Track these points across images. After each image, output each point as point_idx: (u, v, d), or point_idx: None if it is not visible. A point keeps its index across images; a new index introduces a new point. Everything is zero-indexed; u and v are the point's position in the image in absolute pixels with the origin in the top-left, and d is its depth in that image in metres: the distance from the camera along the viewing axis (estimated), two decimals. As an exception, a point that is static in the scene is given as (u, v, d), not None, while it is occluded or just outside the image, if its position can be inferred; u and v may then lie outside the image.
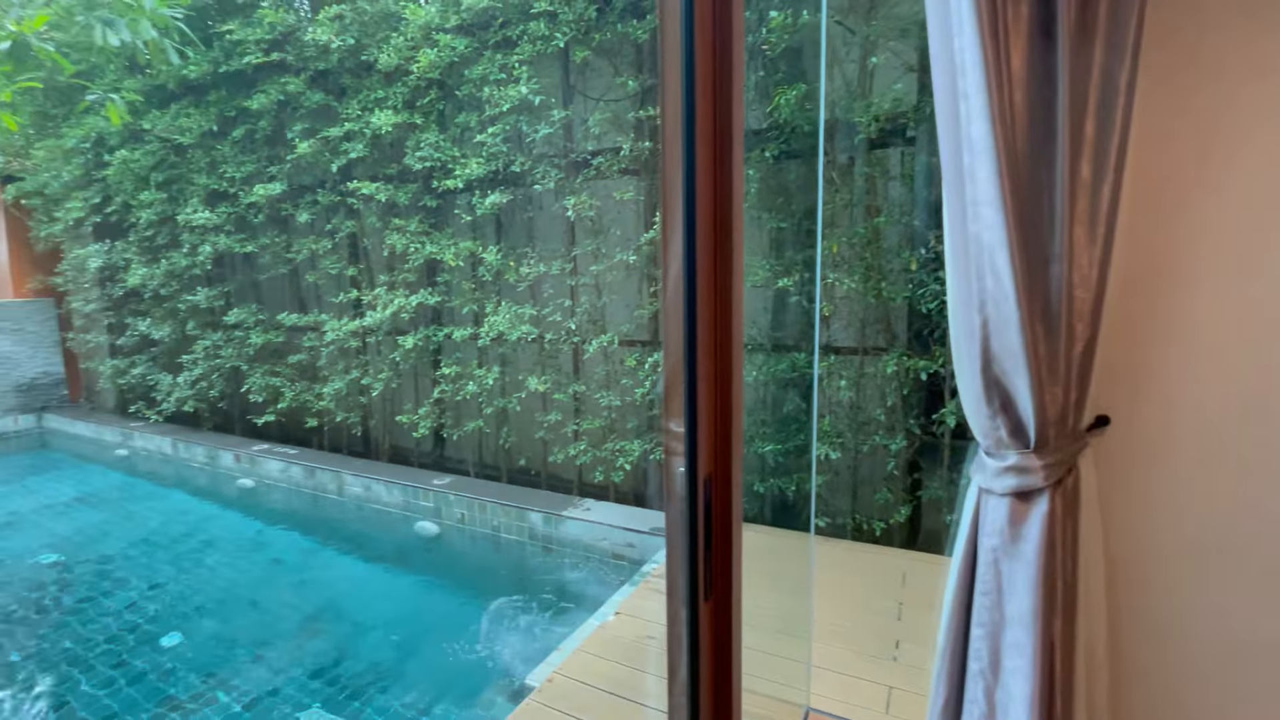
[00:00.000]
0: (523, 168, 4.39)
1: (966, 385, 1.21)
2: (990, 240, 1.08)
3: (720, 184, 0.73)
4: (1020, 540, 1.17)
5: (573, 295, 4.52)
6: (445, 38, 4.35)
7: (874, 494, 3.65)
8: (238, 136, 5.61)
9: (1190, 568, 1.21)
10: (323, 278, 5.71)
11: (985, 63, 1.02)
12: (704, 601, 0.75)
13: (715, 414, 0.74)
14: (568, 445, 4.58)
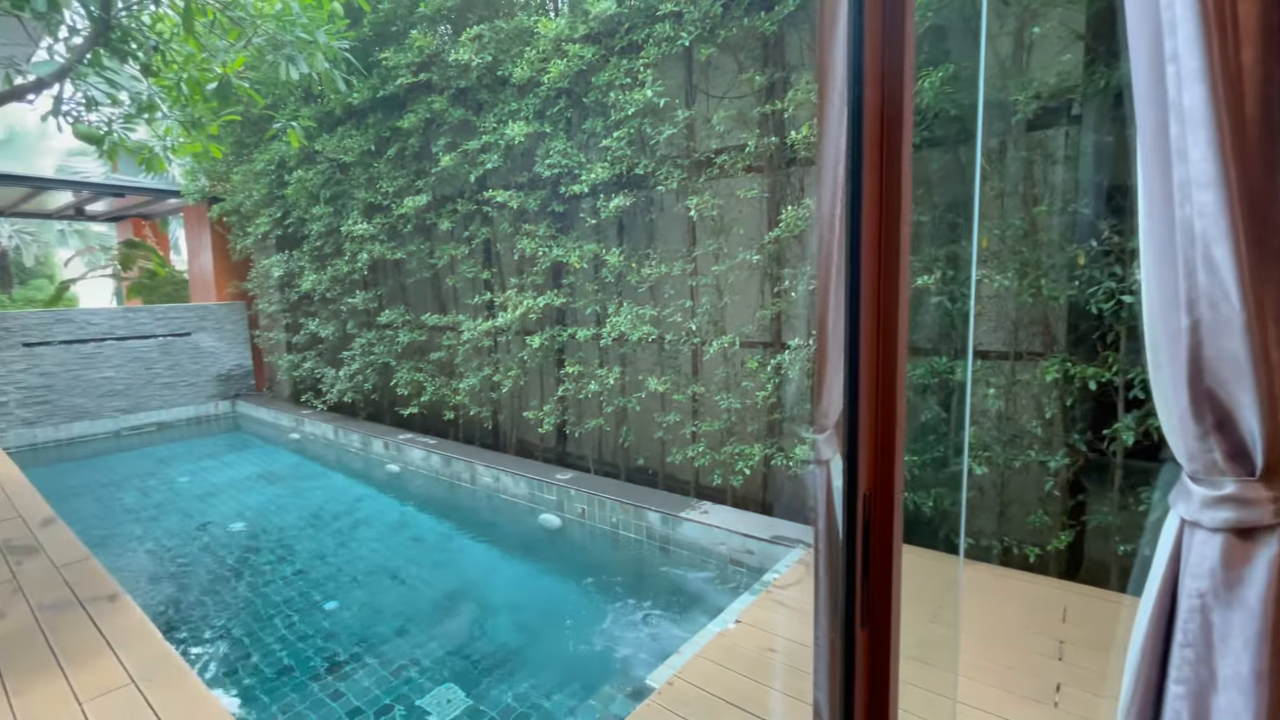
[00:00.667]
0: (646, 169, 4.44)
1: (1168, 399, 1.03)
2: (1205, 228, 0.91)
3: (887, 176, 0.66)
4: (1239, 585, 0.98)
5: (693, 296, 4.50)
6: (574, 47, 4.51)
7: (1027, 515, 3.28)
8: (391, 154, 6.19)
9: None
10: (460, 281, 6.16)
11: (1204, 14, 0.86)
12: (860, 628, 0.69)
13: (876, 426, 0.68)
14: (686, 446, 4.57)
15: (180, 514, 5.67)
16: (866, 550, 0.68)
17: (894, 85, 0.64)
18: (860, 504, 0.68)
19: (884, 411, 0.71)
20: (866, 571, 0.69)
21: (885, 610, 0.68)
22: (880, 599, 0.68)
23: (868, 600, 0.69)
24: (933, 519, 3.51)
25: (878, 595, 0.69)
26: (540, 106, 4.92)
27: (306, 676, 3.20)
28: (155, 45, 3.90)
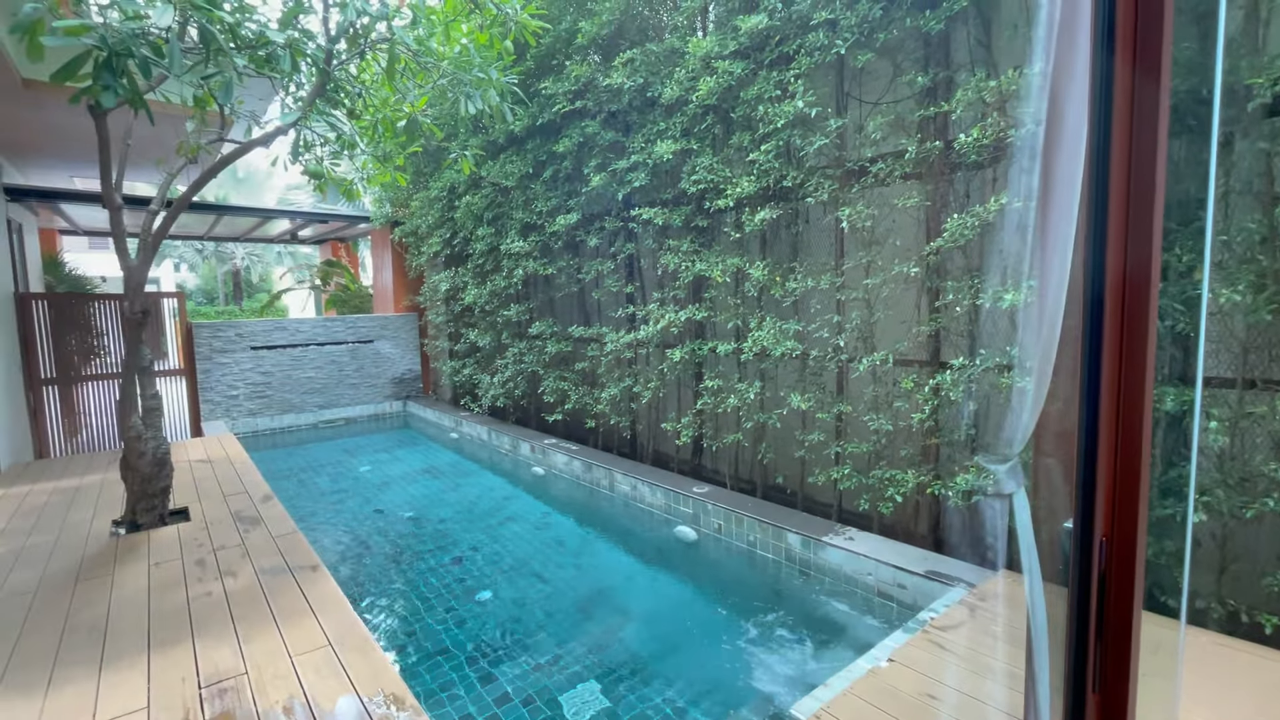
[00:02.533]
0: (794, 181, 4.33)
1: None
2: None
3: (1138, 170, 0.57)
4: None
5: (840, 310, 4.30)
6: (723, 64, 4.53)
7: (1262, 577, 2.71)
8: (547, 176, 6.62)
9: None
10: (604, 295, 6.40)
11: None
12: (1091, 693, 0.59)
13: (1117, 459, 0.59)
14: (829, 467, 4.35)
15: (360, 499, 6.42)
16: (1101, 606, 0.58)
17: (1152, 49, 0.55)
18: (1096, 551, 0.58)
19: (1127, 442, 0.61)
20: (1102, 626, 0.59)
21: (1123, 678, 0.58)
22: (1116, 664, 0.58)
23: (1102, 662, 0.59)
24: (1129, 570, 3.02)
25: (1112, 659, 0.58)
26: (687, 124, 5.00)
27: (463, 658, 3.45)
28: (359, 92, 4.50)
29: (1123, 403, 0.60)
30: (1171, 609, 2.83)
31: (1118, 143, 0.60)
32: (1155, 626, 2.45)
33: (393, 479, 7.12)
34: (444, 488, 6.74)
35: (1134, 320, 0.56)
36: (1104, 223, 0.61)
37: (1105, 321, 0.60)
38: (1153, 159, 0.57)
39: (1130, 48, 0.58)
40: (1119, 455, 0.61)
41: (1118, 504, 0.60)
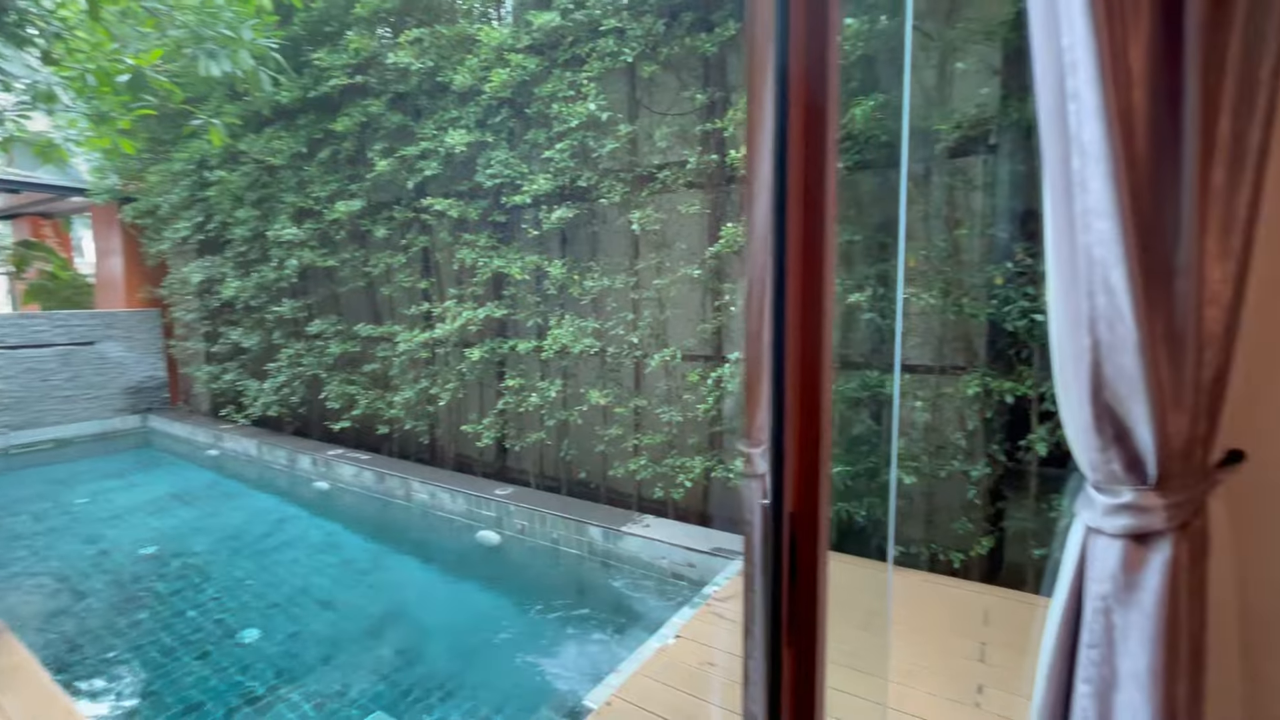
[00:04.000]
0: (589, 182, 4.44)
1: (1072, 413, 1.10)
2: (1103, 255, 0.98)
3: (812, 194, 0.68)
4: (1137, 588, 1.05)
5: (635, 309, 4.52)
6: (517, 57, 4.48)
7: (952, 523, 3.43)
8: (324, 157, 5.96)
9: (1348, 631, 1.05)
10: (396, 291, 5.96)
11: (1100, 58, 0.93)
12: (786, 647, 0.69)
13: (802, 443, 0.69)
14: (628, 460, 4.56)
15: (76, 539, 5.21)
16: (794, 568, 0.68)
17: (818, 103, 0.65)
18: (786, 522, 0.68)
19: (809, 428, 0.72)
20: (794, 589, 0.69)
21: (811, 628, 0.69)
22: (806, 616, 0.69)
23: (794, 619, 0.69)
24: (866, 528, 3.63)
25: (803, 612, 0.69)
26: (482, 115, 4.86)
27: (220, 713, 2.98)
28: (57, 32, 3.62)
29: (805, 396, 0.71)
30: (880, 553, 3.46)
31: (794, 171, 0.70)
32: (876, 573, 2.96)
33: (126, 511, 5.89)
34: (199, 515, 5.75)
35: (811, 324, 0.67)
36: (784, 239, 0.71)
37: (787, 325, 0.70)
38: (822, 185, 0.68)
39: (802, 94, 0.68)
40: (804, 440, 0.72)
41: (804, 482, 0.71)
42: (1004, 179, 3.30)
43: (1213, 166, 0.94)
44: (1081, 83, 0.96)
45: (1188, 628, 1.03)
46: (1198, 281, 0.96)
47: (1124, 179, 0.94)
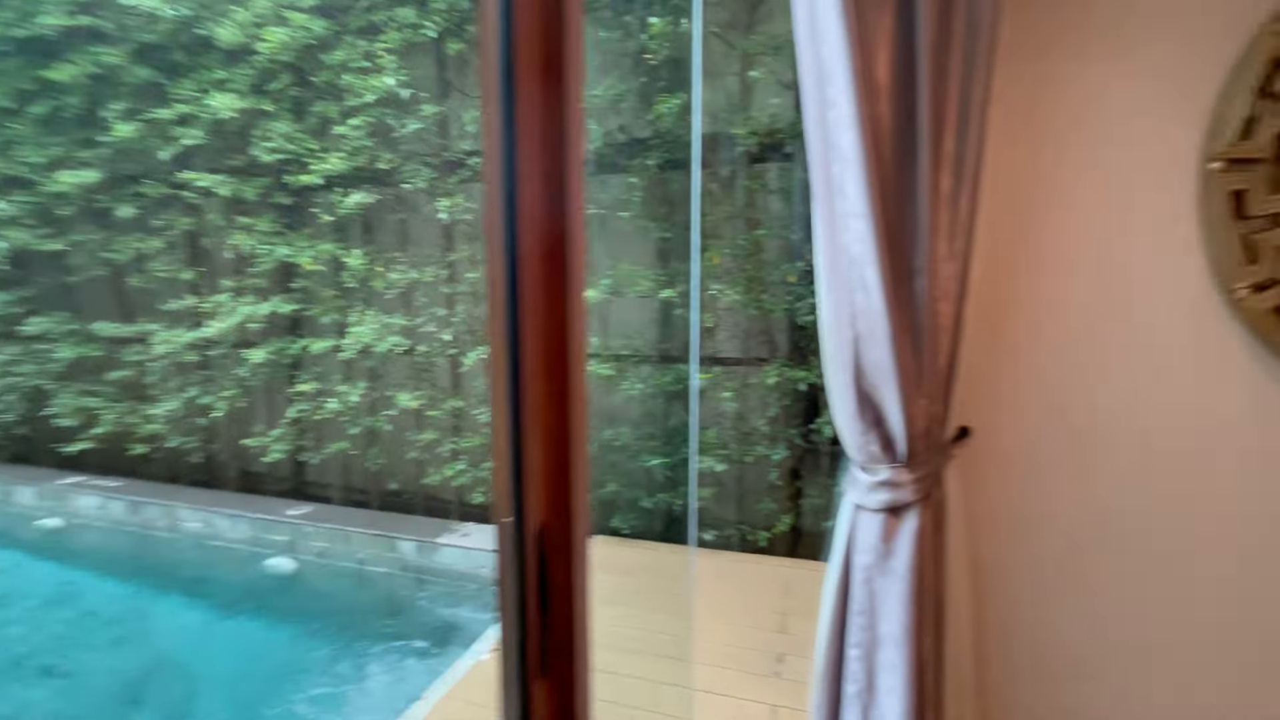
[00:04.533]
0: (391, 165, 4.07)
1: (839, 400, 1.19)
2: (860, 253, 1.06)
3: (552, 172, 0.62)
4: (892, 556, 1.16)
5: (449, 304, 4.25)
6: (299, 17, 3.95)
7: (758, 504, 3.71)
8: (41, 114, 4.78)
9: (1053, 573, 1.26)
10: (151, 282, 4.99)
11: (852, 70, 1.00)
12: (537, 678, 0.63)
13: (549, 452, 0.63)
14: (445, 465, 4.28)
15: None
16: (545, 590, 0.62)
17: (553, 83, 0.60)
18: (533, 539, 0.61)
19: (557, 430, 0.66)
20: (546, 614, 0.63)
21: (568, 655, 0.63)
22: (561, 642, 0.63)
23: (546, 647, 0.63)
24: (683, 517, 3.79)
25: (558, 638, 0.63)
26: (257, 79, 4.22)
27: None
28: None
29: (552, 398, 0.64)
30: (705, 541, 3.65)
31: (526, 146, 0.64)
32: (683, 558, 3.09)
33: None
34: None
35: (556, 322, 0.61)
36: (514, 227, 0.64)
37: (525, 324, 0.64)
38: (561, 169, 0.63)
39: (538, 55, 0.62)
40: (551, 451, 0.65)
41: (552, 497, 0.65)
42: (797, 185, 3.62)
43: (941, 175, 1.06)
44: (838, 91, 1.02)
45: (933, 587, 1.17)
46: (932, 279, 1.08)
47: (875, 183, 1.02)
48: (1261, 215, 1.05)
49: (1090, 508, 1.22)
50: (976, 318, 1.20)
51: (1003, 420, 1.23)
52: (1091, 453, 1.20)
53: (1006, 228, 1.19)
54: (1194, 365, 1.13)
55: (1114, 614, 1.24)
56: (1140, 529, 1.20)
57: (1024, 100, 1.16)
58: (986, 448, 1.25)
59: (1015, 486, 1.25)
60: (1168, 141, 1.10)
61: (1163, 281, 1.13)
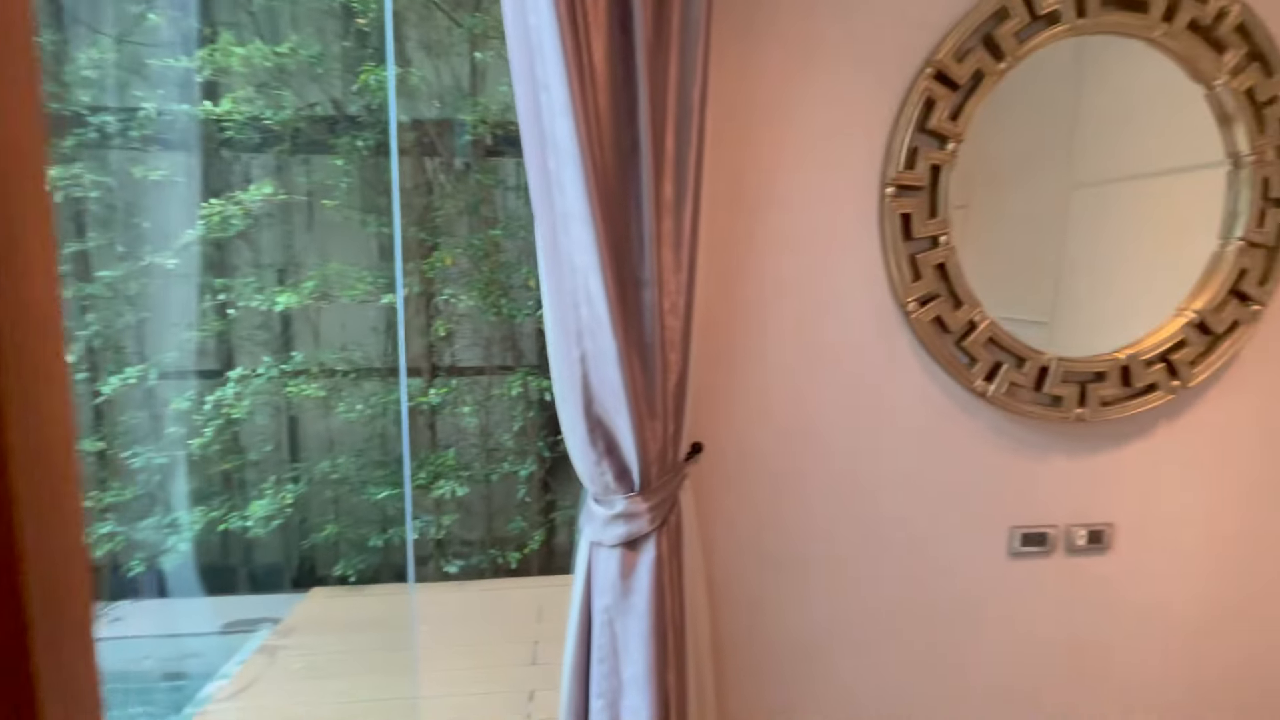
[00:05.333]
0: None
1: (571, 426, 1.09)
2: (584, 262, 0.97)
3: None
4: (631, 594, 1.10)
5: (79, 311, 3.24)
6: None
7: (508, 524, 3.55)
8: None
9: (784, 573, 1.33)
10: None
11: (564, 50, 0.89)
12: None
13: None
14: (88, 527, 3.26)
15: None
16: None
17: None
18: None
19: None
20: None
21: None
22: None
23: None
24: (427, 552, 3.44)
25: None
26: None
27: None
28: None
29: None
30: (449, 574, 3.37)
31: None
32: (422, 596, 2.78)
33: None
34: None
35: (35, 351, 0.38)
36: None
37: None
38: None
39: None
40: None
41: None
42: (535, 184, 3.53)
43: (664, 180, 1.02)
44: (550, 72, 0.91)
45: (674, 618, 1.14)
46: (660, 291, 1.04)
47: (595, 182, 0.93)
48: (923, 237, 1.22)
49: (806, 508, 1.31)
50: (706, 332, 1.21)
51: (730, 432, 1.26)
52: (803, 457, 1.29)
53: (724, 240, 1.21)
54: (880, 372, 1.28)
55: (832, 605, 1.35)
56: (846, 521, 1.33)
57: (731, 118, 1.19)
58: (716, 461, 1.26)
59: (744, 496, 1.29)
60: (857, 167, 1.23)
61: (855, 295, 1.26)
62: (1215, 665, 1.50)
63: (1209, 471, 1.42)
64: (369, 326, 3.33)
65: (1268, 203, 1.32)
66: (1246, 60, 1.29)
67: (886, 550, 1.34)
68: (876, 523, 1.33)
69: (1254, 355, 1.39)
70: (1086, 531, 1.40)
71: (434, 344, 3.45)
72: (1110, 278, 1.38)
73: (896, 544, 1.34)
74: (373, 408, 3.25)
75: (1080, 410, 1.31)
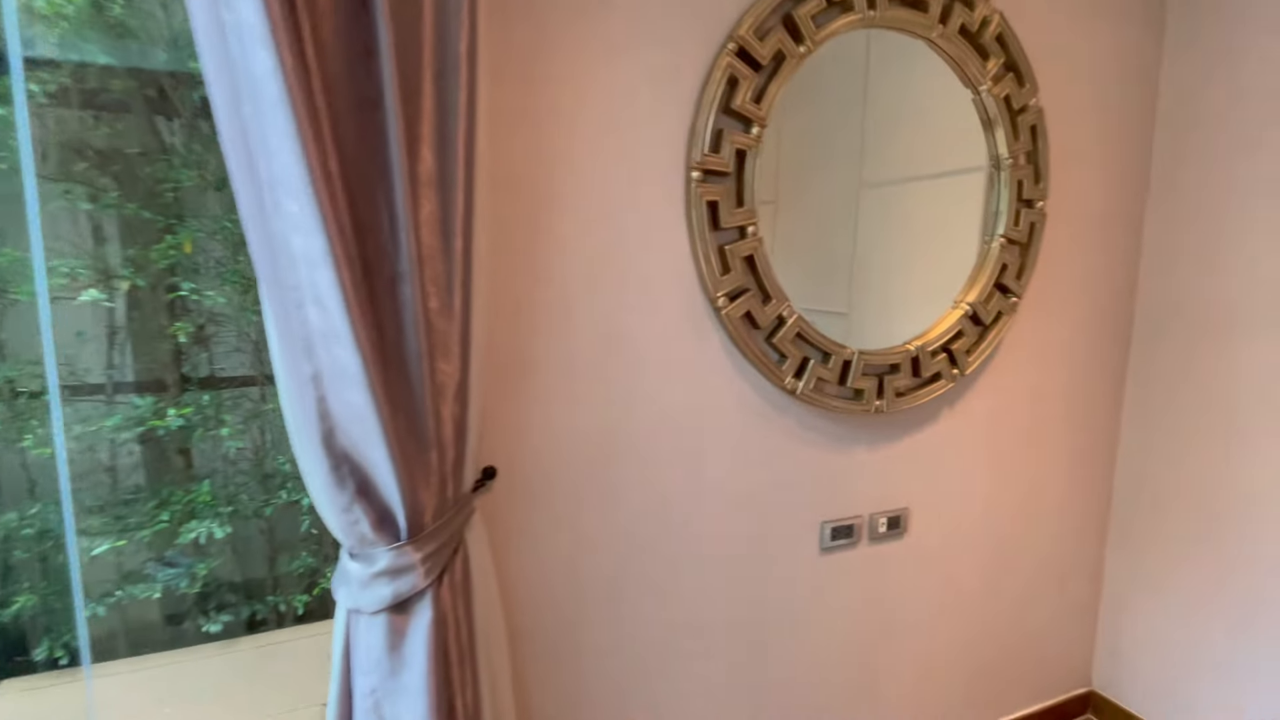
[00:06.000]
0: None
1: (310, 465, 0.84)
2: (305, 248, 0.73)
3: None
4: (403, 670, 0.89)
5: None
6: None
7: (291, 563, 3.04)
8: None
9: (605, 606, 1.18)
10: None
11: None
12: None
13: None
14: None
15: None
16: None
17: None
18: None
19: None
20: None
21: None
22: None
23: None
24: (181, 611, 2.83)
25: None
26: None
27: None
28: None
29: None
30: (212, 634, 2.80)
31: None
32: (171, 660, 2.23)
33: None
34: None
35: None
36: None
37: None
38: None
39: None
40: None
41: None
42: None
43: (421, 146, 0.81)
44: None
45: (462, 691, 0.93)
46: (422, 287, 0.83)
47: (312, 139, 0.70)
48: (731, 227, 1.14)
49: (619, 525, 1.19)
50: (494, 334, 1.02)
51: (529, 450, 1.09)
52: (615, 468, 1.16)
53: (513, 228, 1.03)
54: (692, 373, 1.19)
55: (653, 624, 1.24)
56: (663, 534, 1.23)
57: (521, 97, 1.01)
58: (515, 485, 1.09)
59: (550, 519, 1.13)
60: (662, 148, 1.11)
61: (665, 291, 1.15)
62: (992, 623, 1.65)
63: (982, 452, 1.54)
64: (73, 331, 2.62)
65: (1021, 203, 1.45)
66: (1004, 70, 1.39)
67: (706, 560, 1.26)
68: (695, 532, 1.24)
69: (1012, 343, 1.53)
70: (886, 519, 1.44)
71: (182, 350, 2.83)
72: (898, 272, 1.43)
73: (716, 552, 1.27)
74: (82, 438, 2.57)
75: (879, 402, 1.34)
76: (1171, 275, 1.63)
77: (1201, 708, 1.60)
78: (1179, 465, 1.63)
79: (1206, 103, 1.54)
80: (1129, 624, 1.76)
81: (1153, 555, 1.70)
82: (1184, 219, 1.60)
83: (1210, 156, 1.53)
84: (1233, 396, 1.52)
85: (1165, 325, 1.65)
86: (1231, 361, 1.51)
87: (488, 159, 0.89)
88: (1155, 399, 1.67)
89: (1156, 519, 1.68)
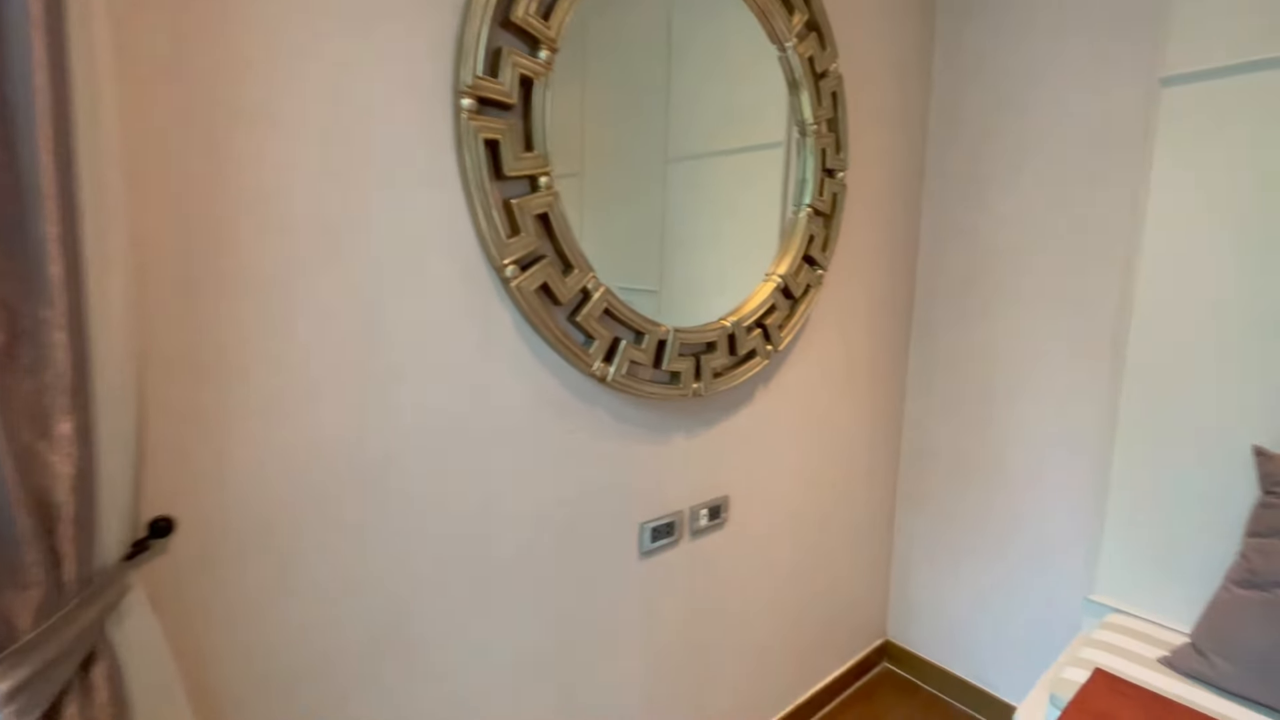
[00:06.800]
0: None
1: None
2: None
3: None
4: None
5: None
6: None
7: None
8: None
9: (350, 683, 0.88)
10: None
11: None
12: None
13: None
14: None
15: None
16: None
17: None
18: None
19: None
20: None
21: None
22: None
23: None
24: None
25: None
26: None
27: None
28: None
29: None
30: None
31: None
32: None
33: None
34: None
35: None
36: None
37: None
38: None
39: None
40: None
41: None
42: None
43: None
44: None
45: None
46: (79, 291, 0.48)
47: None
48: (518, 175, 0.90)
49: (381, 566, 0.90)
50: (159, 329, 0.67)
51: (231, 485, 0.76)
52: (375, 491, 0.87)
53: (191, 173, 0.68)
54: (475, 361, 0.93)
55: (444, 685, 0.97)
56: (452, 568, 0.96)
57: None
58: (209, 536, 0.75)
59: (267, 576, 0.81)
60: (416, 62, 0.82)
61: (432, 257, 0.87)
62: (811, 598, 1.63)
63: (796, 428, 1.49)
64: None
65: (824, 173, 1.39)
66: (806, 29, 1.31)
67: (511, 591, 1.03)
68: (492, 562, 1.00)
69: (819, 316, 1.49)
70: (707, 510, 1.32)
71: None
72: (708, 246, 1.30)
73: (522, 581, 1.04)
74: None
75: (696, 385, 1.20)
76: (941, 253, 1.72)
77: (976, 645, 1.74)
78: (947, 426, 1.75)
79: (968, 95, 1.62)
80: (914, 576, 1.87)
81: (928, 511, 1.82)
82: (950, 200, 1.69)
83: (968, 143, 1.62)
84: (990, 365, 1.64)
85: (936, 297, 1.74)
86: (989, 333, 1.63)
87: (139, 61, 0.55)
88: (930, 366, 1.77)
89: (931, 478, 1.80)
